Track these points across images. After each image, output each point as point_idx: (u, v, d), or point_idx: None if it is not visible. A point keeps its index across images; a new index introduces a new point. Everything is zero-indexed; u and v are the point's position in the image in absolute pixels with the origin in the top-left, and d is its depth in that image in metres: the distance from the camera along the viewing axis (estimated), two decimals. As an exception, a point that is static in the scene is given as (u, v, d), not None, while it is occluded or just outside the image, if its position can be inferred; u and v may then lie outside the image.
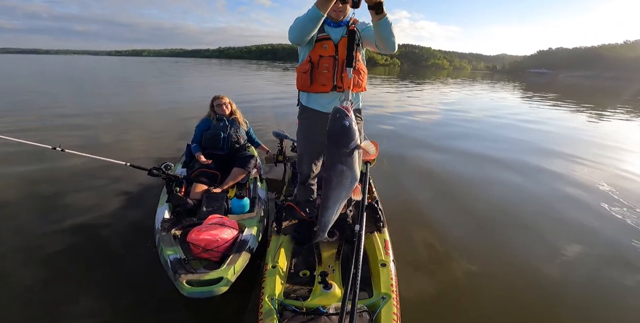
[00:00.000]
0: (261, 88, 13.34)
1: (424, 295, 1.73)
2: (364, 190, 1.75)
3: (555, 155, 4.60)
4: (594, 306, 1.71)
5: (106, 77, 17.42)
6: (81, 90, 11.00)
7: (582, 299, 1.76)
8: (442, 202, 2.92)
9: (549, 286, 1.83)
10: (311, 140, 1.81)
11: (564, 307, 1.69)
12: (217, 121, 2.66)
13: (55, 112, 6.53)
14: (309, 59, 1.59)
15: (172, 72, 23.23)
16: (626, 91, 22.31)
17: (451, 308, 1.66)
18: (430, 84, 20.41)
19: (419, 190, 3.17)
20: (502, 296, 1.76)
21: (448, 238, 2.29)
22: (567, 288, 1.84)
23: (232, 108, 2.75)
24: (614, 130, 7.22)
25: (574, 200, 3.04)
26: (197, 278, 1.39)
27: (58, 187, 2.94)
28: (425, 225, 2.48)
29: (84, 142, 4.47)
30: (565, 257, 2.13)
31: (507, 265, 2.03)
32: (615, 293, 1.82)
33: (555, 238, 2.36)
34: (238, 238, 1.71)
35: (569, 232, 2.49)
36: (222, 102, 2.69)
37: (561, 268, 2.02)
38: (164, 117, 6.56)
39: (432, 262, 2.04)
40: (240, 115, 2.81)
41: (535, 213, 2.75)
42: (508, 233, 2.43)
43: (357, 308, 1.28)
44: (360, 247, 1.33)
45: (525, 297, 1.75)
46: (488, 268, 1.98)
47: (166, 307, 1.60)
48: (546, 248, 2.23)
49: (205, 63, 51.06)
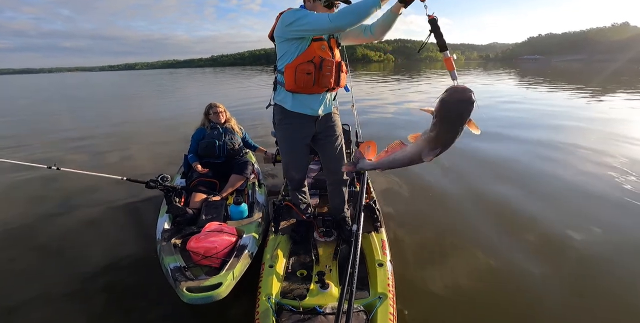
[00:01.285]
0: (256, 90, 13.38)
1: (421, 295, 1.72)
2: (362, 191, 1.78)
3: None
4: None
5: (103, 94, 17.50)
6: (77, 108, 11.07)
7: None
8: (441, 201, 2.87)
9: (549, 287, 1.78)
10: (298, 147, 1.77)
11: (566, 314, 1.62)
12: (212, 129, 2.68)
13: (51, 130, 6.60)
14: (311, 59, 1.50)
15: (167, 84, 23.30)
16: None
17: (448, 308, 1.65)
18: (426, 78, 20.28)
19: (419, 189, 3.13)
20: (500, 296, 1.73)
21: (447, 238, 2.27)
22: (569, 295, 1.75)
23: (226, 116, 2.77)
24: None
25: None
26: (197, 284, 1.41)
27: (57, 205, 2.98)
28: (422, 225, 2.46)
29: (81, 158, 4.51)
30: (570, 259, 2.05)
31: (506, 264, 1.98)
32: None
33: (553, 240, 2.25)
34: (237, 244, 1.74)
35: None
36: (218, 110, 2.70)
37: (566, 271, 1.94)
38: (161, 129, 6.58)
39: (429, 262, 2.02)
40: (235, 122, 2.83)
41: (539, 213, 2.59)
42: (507, 230, 2.37)
43: (353, 308, 1.30)
44: (357, 247, 1.35)
45: (525, 297, 1.71)
46: (486, 268, 1.95)
47: (167, 311, 1.65)
48: (545, 251, 2.13)
49: (199, 72, 51.17)
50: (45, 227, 2.61)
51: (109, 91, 19.53)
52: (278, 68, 1.62)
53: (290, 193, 1.99)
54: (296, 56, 1.51)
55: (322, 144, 1.84)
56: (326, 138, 1.81)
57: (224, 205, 2.18)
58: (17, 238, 2.46)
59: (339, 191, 1.95)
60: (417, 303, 1.65)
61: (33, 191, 3.32)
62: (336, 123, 1.84)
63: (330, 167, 1.91)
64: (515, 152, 4.18)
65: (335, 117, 1.83)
